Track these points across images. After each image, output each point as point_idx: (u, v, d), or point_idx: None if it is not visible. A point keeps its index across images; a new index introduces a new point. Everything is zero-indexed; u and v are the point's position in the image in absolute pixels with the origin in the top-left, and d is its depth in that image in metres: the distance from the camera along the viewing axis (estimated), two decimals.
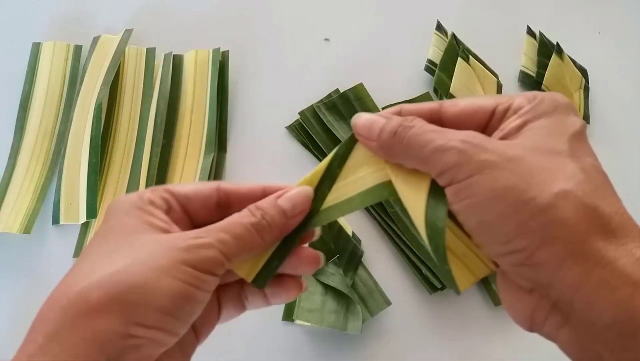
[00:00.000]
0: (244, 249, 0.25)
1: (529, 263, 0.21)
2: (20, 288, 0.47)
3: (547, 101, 0.24)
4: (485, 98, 0.25)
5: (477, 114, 0.25)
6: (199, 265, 0.23)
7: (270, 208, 0.25)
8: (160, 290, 0.22)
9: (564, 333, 0.21)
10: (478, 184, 0.21)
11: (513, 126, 0.23)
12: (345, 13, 0.60)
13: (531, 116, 0.23)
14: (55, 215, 0.49)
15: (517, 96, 0.25)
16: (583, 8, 0.62)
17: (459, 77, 0.53)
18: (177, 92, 0.54)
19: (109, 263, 0.22)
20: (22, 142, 0.52)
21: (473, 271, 0.26)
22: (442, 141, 0.22)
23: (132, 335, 0.21)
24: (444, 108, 0.25)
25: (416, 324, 0.45)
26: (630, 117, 0.56)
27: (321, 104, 0.53)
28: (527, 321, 0.23)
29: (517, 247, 0.21)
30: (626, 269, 0.20)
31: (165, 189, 0.26)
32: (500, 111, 0.24)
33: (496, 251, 0.22)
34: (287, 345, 0.43)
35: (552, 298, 0.21)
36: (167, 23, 0.59)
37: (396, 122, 0.24)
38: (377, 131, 0.25)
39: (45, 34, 0.58)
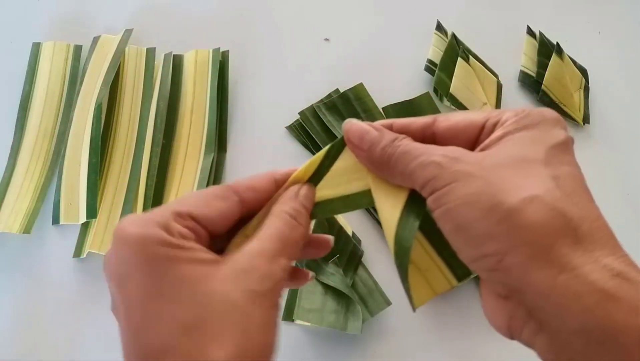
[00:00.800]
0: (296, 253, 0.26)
1: (499, 267, 0.21)
2: (20, 288, 0.47)
3: (533, 114, 0.24)
4: (476, 113, 0.26)
5: (468, 129, 0.26)
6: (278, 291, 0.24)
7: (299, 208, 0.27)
8: (273, 344, 0.23)
9: (539, 341, 0.22)
10: (454, 191, 0.22)
11: (494, 137, 0.24)
12: (345, 13, 0.60)
13: (513, 128, 0.24)
14: (55, 215, 0.49)
15: (508, 110, 0.25)
16: (583, 8, 0.62)
17: (459, 77, 0.53)
18: (177, 92, 0.54)
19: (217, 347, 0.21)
20: (22, 142, 0.52)
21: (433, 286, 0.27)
22: (424, 157, 0.24)
23: None
24: (437, 123, 0.26)
25: (416, 324, 0.45)
26: (630, 117, 0.56)
27: (321, 104, 0.53)
28: (506, 328, 0.23)
29: (488, 251, 0.22)
30: (591, 276, 0.20)
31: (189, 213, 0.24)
32: (489, 125, 0.25)
33: (471, 255, 0.23)
34: (287, 345, 0.43)
35: (526, 304, 0.22)
36: (167, 23, 0.59)
37: (388, 138, 0.25)
38: (368, 143, 0.26)
39: (45, 34, 0.58)
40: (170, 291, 0.22)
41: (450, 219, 0.23)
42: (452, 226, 0.23)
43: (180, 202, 0.24)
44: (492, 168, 0.23)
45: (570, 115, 0.54)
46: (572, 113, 0.54)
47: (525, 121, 0.24)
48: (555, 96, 0.55)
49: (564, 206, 0.21)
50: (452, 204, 0.22)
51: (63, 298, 0.46)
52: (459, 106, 0.53)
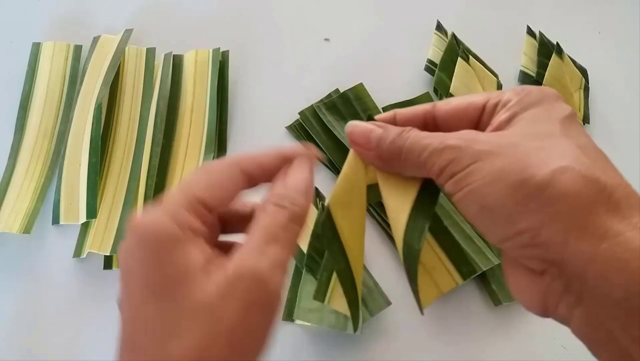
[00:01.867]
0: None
1: (535, 242, 0.21)
2: (20, 288, 0.47)
3: (534, 92, 0.24)
4: (476, 95, 0.26)
5: (469, 111, 0.26)
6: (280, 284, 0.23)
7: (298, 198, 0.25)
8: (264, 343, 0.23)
9: (577, 314, 0.21)
10: (476, 170, 0.22)
11: (502, 119, 0.24)
12: (345, 13, 0.60)
13: (519, 107, 0.24)
14: (55, 215, 0.49)
15: (507, 91, 0.25)
16: (583, 8, 0.62)
17: (459, 77, 0.53)
18: (177, 92, 0.54)
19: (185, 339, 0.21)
20: (22, 142, 0.52)
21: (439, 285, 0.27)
22: (437, 143, 0.23)
23: None
24: (437, 107, 0.26)
25: (416, 324, 0.45)
26: (630, 117, 0.56)
27: (321, 104, 0.53)
28: (541, 305, 0.22)
29: (521, 228, 0.21)
30: (634, 242, 0.19)
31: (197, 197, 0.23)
32: (490, 106, 0.25)
33: (501, 235, 0.22)
34: (287, 345, 0.43)
35: (564, 277, 0.21)
36: (167, 23, 0.59)
37: (394, 132, 0.25)
38: (375, 140, 0.25)
39: (45, 34, 0.58)
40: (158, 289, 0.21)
41: (475, 200, 0.22)
42: (478, 207, 0.22)
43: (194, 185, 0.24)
44: (513, 145, 0.22)
45: None
46: None
47: (528, 99, 0.24)
48: None
49: (595, 173, 0.21)
50: (477, 184, 0.22)
51: (63, 298, 0.46)
52: None
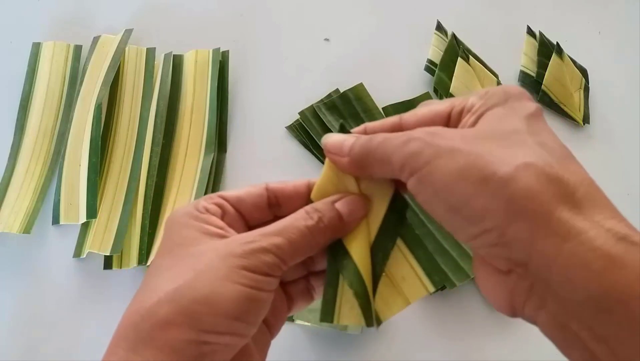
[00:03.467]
0: (299, 252, 0.25)
1: (501, 241, 0.21)
2: (20, 288, 0.47)
3: (498, 93, 0.24)
4: (440, 103, 0.26)
5: (435, 120, 0.25)
6: (258, 269, 0.23)
7: (327, 210, 0.26)
8: (225, 298, 0.22)
9: (543, 314, 0.21)
10: (438, 168, 0.22)
11: (468, 122, 0.24)
12: (345, 13, 0.60)
13: (484, 109, 0.24)
14: (55, 215, 0.49)
15: (471, 96, 0.25)
16: (583, 8, 0.62)
17: (459, 77, 0.53)
18: (177, 92, 0.54)
19: (172, 278, 0.23)
20: (22, 142, 0.52)
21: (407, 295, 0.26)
22: (403, 137, 0.23)
23: (205, 342, 0.22)
24: (404, 119, 0.26)
25: (416, 324, 0.45)
26: (630, 117, 0.56)
27: (321, 104, 0.53)
28: (508, 305, 0.22)
29: (487, 226, 0.21)
30: (597, 241, 0.19)
31: (219, 194, 0.27)
32: (455, 113, 0.25)
33: (467, 234, 0.22)
34: (287, 345, 0.43)
35: (529, 277, 0.21)
36: (167, 23, 0.59)
37: (365, 137, 0.25)
38: (347, 147, 0.25)
39: (45, 34, 0.58)
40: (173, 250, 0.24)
41: (439, 200, 0.22)
42: (443, 207, 0.22)
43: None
44: (476, 141, 0.22)
45: (570, 115, 0.54)
46: (572, 113, 0.54)
47: (492, 101, 0.24)
48: (555, 96, 0.55)
49: (558, 171, 0.21)
50: (439, 183, 0.22)
51: (63, 298, 0.46)
52: None
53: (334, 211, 0.26)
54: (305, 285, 0.29)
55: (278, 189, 0.27)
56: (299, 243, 0.25)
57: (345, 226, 0.26)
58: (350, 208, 0.26)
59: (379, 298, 0.26)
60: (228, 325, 0.22)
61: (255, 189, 0.27)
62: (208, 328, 0.22)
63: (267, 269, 0.24)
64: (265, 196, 0.27)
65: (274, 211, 0.28)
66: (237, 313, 0.23)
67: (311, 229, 0.25)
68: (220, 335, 0.22)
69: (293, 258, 0.25)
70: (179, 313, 0.22)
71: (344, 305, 0.26)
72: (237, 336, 0.23)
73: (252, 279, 0.23)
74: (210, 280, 0.23)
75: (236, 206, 0.27)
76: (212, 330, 0.22)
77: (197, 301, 0.22)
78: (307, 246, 0.25)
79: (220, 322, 0.22)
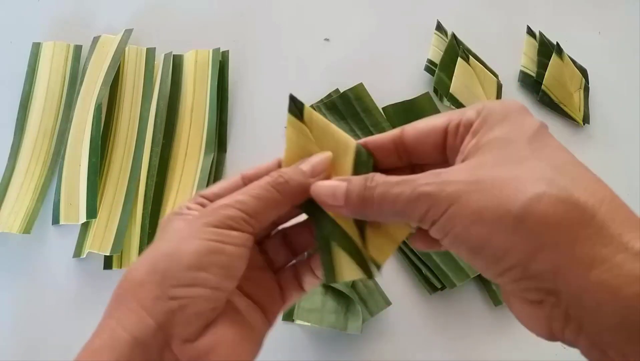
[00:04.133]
0: (265, 206, 0.26)
1: (526, 276, 0.20)
2: (20, 288, 0.47)
3: (497, 109, 0.24)
4: (438, 117, 0.26)
5: (431, 135, 0.25)
6: (221, 224, 0.24)
7: (289, 169, 0.27)
8: (187, 251, 0.23)
9: (582, 339, 0.20)
10: (454, 215, 0.21)
11: (470, 146, 0.23)
12: (345, 13, 0.60)
13: (484, 130, 0.23)
14: (55, 215, 0.49)
15: (467, 109, 0.25)
16: (583, 8, 0.62)
17: (459, 77, 0.53)
18: (177, 92, 0.54)
19: (150, 252, 0.25)
20: (22, 142, 0.52)
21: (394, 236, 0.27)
22: (409, 191, 0.23)
23: (172, 297, 0.23)
24: (405, 132, 0.26)
25: (416, 324, 0.45)
26: (630, 117, 0.56)
27: (321, 104, 0.53)
28: (547, 332, 0.22)
29: (509, 264, 0.20)
30: (625, 266, 0.18)
31: (199, 194, 0.28)
32: (452, 128, 0.25)
33: (492, 273, 0.22)
34: (287, 345, 0.43)
35: (562, 305, 0.20)
36: (167, 23, 0.59)
37: (359, 185, 0.25)
38: (341, 197, 0.25)
39: (45, 34, 0.58)
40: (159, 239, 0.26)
41: (461, 243, 0.22)
42: (467, 248, 0.22)
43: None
44: (483, 178, 0.21)
45: (570, 115, 0.54)
46: (572, 113, 0.54)
47: (492, 119, 0.23)
48: (555, 96, 0.55)
49: (573, 194, 0.20)
50: (458, 228, 0.21)
51: (63, 298, 0.46)
52: (459, 106, 0.53)
53: (297, 169, 0.26)
54: (293, 273, 0.30)
55: (253, 175, 0.28)
56: (262, 197, 0.25)
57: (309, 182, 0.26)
58: (312, 164, 0.27)
59: (370, 245, 0.27)
60: (191, 277, 0.23)
61: (229, 182, 0.28)
62: (173, 282, 0.23)
63: (231, 222, 0.24)
64: (241, 184, 0.27)
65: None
66: (199, 263, 0.23)
67: (272, 184, 0.26)
68: (186, 287, 0.23)
69: (258, 212, 0.25)
70: (147, 272, 0.23)
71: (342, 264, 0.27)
72: (205, 288, 0.23)
73: (215, 233, 0.24)
74: (176, 240, 0.24)
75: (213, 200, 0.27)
76: (177, 284, 0.23)
77: (163, 259, 0.24)
78: (272, 200, 0.26)
79: (183, 275, 0.23)
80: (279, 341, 0.44)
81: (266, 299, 0.28)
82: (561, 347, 0.23)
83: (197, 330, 0.23)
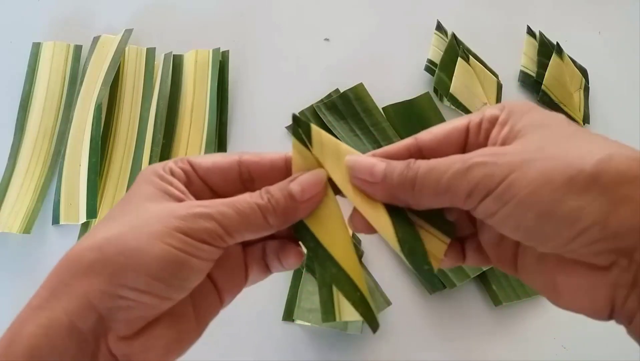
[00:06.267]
0: (247, 227, 0.24)
1: (605, 235, 0.20)
2: (20, 288, 0.46)
3: (517, 105, 0.24)
4: (456, 119, 0.25)
5: (453, 135, 0.25)
6: (194, 234, 0.23)
7: (277, 191, 0.25)
8: (150, 255, 0.22)
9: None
10: (517, 181, 0.21)
11: (505, 132, 0.23)
12: (345, 13, 0.60)
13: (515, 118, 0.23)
14: (55, 215, 0.49)
15: (487, 109, 0.24)
16: (583, 8, 0.62)
17: (459, 77, 0.53)
18: (177, 92, 0.54)
19: (110, 227, 0.23)
20: (22, 142, 0.52)
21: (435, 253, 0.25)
22: (459, 165, 0.22)
23: (121, 296, 0.22)
24: (420, 139, 0.25)
25: (416, 324, 0.45)
26: (630, 117, 0.56)
27: (321, 104, 0.53)
28: (607, 303, 0.21)
29: (587, 223, 0.20)
30: None
31: (188, 159, 0.26)
32: (474, 125, 0.24)
33: (563, 238, 0.21)
34: (287, 345, 0.43)
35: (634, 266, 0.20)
36: (167, 23, 0.59)
37: (401, 165, 0.24)
38: (379, 175, 0.24)
39: (45, 34, 0.58)
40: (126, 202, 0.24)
41: (526, 211, 0.21)
42: (535, 214, 0.21)
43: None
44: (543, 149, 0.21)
45: (570, 115, 0.54)
46: (572, 113, 0.54)
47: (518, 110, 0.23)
48: (555, 96, 0.55)
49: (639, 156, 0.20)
50: (524, 192, 0.20)
51: None
52: (458, 106, 0.53)
53: (284, 192, 0.25)
54: (261, 253, 0.28)
55: (252, 164, 0.26)
56: (246, 217, 0.24)
57: (302, 205, 0.25)
58: (302, 186, 0.25)
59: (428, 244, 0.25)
60: (147, 284, 0.22)
61: (224, 160, 0.26)
62: (127, 283, 0.22)
63: (206, 235, 0.23)
64: (236, 170, 0.26)
65: (247, 187, 0.26)
66: (160, 274, 0.22)
67: (260, 207, 0.24)
68: (139, 292, 0.22)
69: (239, 231, 0.24)
70: (102, 262, 0.22)
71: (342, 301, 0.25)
72: (157, 297, 0.22)
73: (184, 242, 0.22)
74: (141, 235, 0.22)
75: (203, 178, 0.26)
76: (130, 286, 0.22)
77: (122, 254, 0.22)
78: (256, 223, 0.24)
79: (140, 279, 0.22)
80: (279, 341, 0.44)
81: (227, 281, 0.27)
82: (562, 348, 0.23)
83: (136, 329, 0.23)
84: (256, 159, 0.26)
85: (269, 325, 0.44)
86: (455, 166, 0.22)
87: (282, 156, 0.26)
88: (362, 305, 0.25)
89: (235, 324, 0.44)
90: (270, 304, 0.45)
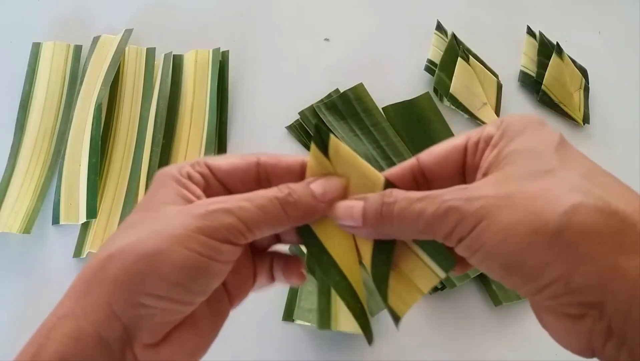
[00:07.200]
0: (266, 221, 0.24)
1: (568, 290, 0.19)
2: (20, 288, 0.46)
3: (515, 122, 0.23)
4: (456, 138, 0.25)
5: (452, 156, 0.25)
6: (216, 233, 0.22)
7: (299, 187, 0.25)
8: (171, 261, 0.22)
9: (624, 354, 0.20)
10: (484, 231, 0.20)
11: (490, 158, 0.23)
12: (345, 13, 0.60)
13: (504, 142, 0.23)
14: (55, 215, 0.49)
15: (486, 126, 0.24)
16: (583, 8, 0.62)
17: (459, 77, 0.53)
18: (177, 92, 0.54)
19: (130, 234, 0.23)
20: (22, 142, 0.52)
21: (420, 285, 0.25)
22: (434, 207, 0.22)
23: (143, 305, 0.22)
24: (421, 160, 0.25)
25: (416, 324, 0.45)
26: (630, 117, 0.56)
27: (321, 104, 0.53)
28: (587, 349, 0.21)
29: (551, 279, 0.20)
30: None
31: (205, 163, 0.26)
32: (472, 145, 0.24)
33: (529, 289, 0.21)
34: (287, 345, 0.43)
35: (605, 318, 0.20)
36: (167, 23, 0.59)
37: (376, 201, 0.24)
38: (358, 216, 0.24)
39: (45, 34, 0.58)
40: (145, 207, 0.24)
41: (493, 261, 0.21)
42: (499, 266, 0.21)
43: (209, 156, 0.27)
44: (512, 192, 0.21)
45: (570, 115, 0.54)
46: (572, 113, 0.54)
47: (511, 131, 0.23)
48: (555, 96, 0.55)
49: (610, 203, 0.19)
50: (489, 244, 0.20)
51: None
52: (458, 106, 0.53)
53: (307, 189, 0.25)
54: (270, 263, 0.28)
55: (270, 165, 0.26)
56: (266, 210, 0.23)
57: (319, 205, 0.25)
58: (324, 188, 0.25)
59: (393, 294, 0.25)
60: (168, 290, 0.22)
61: (243, 162, 0.26)
62: (148, 290, 0.22)
63: (227, 233, 0.23)
64: (254, 172, 0.26)
65: (262, 186, 0.26)
66: (181, 280, 0.22)
67: (280, 201, 0.24)
68: (159, 299, 0.22)
69: (259, 226, 0.23)
70: (124, 271, 0.22)
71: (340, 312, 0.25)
72: (178, 303, 0.22)
73: (205, 245, 0.22)
74: (162, 240, 0.22)
75: (222, 180, 0.26)
76: (151, 293, 0.22)
77: (142, 261, 0.22)
78: (275, 217, 0.24)
79: (160, 286, 0.22)
80: (279, 341, 0.44)
81: (237, 285, 0.27)
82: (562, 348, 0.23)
83: (160, 336, 0.23)
84: (274, 161, 0.26)
85: (269, 325, 0.44)
86: (431, 209, 0.22)
87: (299, 161, 0.26)
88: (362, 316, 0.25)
89: (235, 324, 0.44)
90: (270, 304, 0.45)
